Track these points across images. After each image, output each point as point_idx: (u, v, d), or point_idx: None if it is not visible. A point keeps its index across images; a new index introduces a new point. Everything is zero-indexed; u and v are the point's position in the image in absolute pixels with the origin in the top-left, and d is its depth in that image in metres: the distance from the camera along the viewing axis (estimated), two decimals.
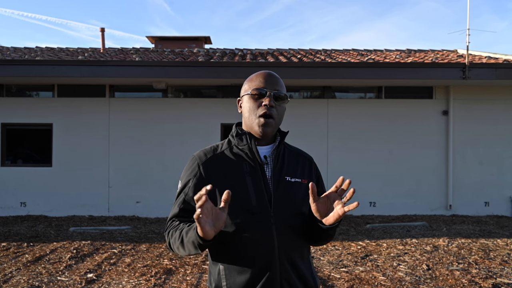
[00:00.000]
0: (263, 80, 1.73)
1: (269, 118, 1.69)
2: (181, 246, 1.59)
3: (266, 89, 1.71)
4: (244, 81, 1.83)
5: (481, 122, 10.07)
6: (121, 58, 10.71)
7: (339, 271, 5.61)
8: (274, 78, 1.75)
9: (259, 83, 1.72)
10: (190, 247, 1.53)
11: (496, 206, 10.00)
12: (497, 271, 5.57)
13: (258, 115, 1.70)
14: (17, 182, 9.84)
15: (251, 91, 1.72)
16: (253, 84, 1.74)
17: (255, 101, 1.71)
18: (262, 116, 1.69)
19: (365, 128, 10.01)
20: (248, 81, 1.78)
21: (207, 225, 1.42)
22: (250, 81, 1.77)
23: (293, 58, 10.88)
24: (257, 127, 1.70)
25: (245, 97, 1.76)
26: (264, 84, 1.72)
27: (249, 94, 1.73)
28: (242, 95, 1.79)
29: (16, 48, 12.71)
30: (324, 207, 1.59)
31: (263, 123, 1.69)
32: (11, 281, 5.15)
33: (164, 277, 5.36)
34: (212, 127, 9.88)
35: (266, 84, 1.72)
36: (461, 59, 10.26)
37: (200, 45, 14.46)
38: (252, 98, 1.72)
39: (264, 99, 1.70)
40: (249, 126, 1.75)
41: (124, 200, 9.83)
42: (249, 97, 1.73)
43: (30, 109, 9.98)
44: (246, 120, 1.76)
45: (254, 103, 1.71)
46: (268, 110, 1.69)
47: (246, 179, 1.68)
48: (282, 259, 1.65)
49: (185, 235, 1.55)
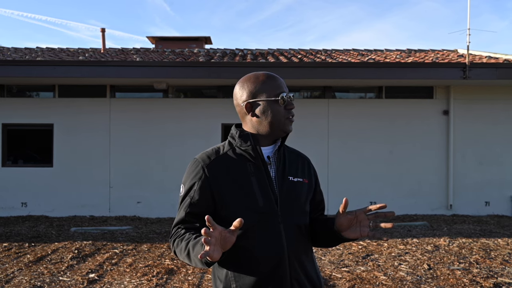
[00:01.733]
0: (281, 84, 1.77)
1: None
2: (187, 259, 1.59)
3: (287, 94, 1.75)
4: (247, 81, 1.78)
5: (481, 122, 10.08)
6: (122, 59, 10.71)
7: (340, 270, 5.62)
8: (283, 80, 1.80)
9: (278, 88, 1.75)
10: (197, 262, 1.54)
11: (496, 205, 10.01)
12: (498, 270, 5.58)
13: (286, 118, 1.75)
14: (18, 182, 9.85)
15: (281, 98, 1.73)
16: (273, 88, 1.74)
17: (281, 105, 1.74)
18: (291, 117, 1.76)
19: (365, 128, 10.02)
20: (260, 83, 1.74)
21: (215, 252, 1.44)
22: (265, 84, 1.74)
23: (293, 58, 10.89)
24: (287, 127, 1.76)
25: (265, 101, 1.73)
26: (283, 88, 1.76)
27: (273, 100, 1.73)
28: (259, 99, 1.74)
29: (17, 48, 12.72)
30: (347, 222, 1.66)
31: (291, 123, 1.77)
32: (13, 281, 5.16)
33: (165, 277, 5.37)
34: (212, 127, 9.89)
35: (285, 88, 1.77)
36: (462, 59, 10.27)
37: (200, 45, 14.47)
38: (278, 103, 1.73)
39: (289, 104, 1.75)
40: (270, 129, 1.74)
41: (125, 200, 9.84)
42: (273, 102, 1.73)
43: (31, 109, 9.99)
44: (267, 124, 1.74)
45: (280, 107, 1.74)
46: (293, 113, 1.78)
47: (252, 180, 1.68)
48: (291, 258, 1.66)
49: (192, 250, 1.55)
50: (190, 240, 1.58)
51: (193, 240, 1.57)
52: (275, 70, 9.04)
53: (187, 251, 1.57)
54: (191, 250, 1.56)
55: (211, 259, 1.43)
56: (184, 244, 1.60)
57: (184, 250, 1.59)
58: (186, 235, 1.63)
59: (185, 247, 1.59)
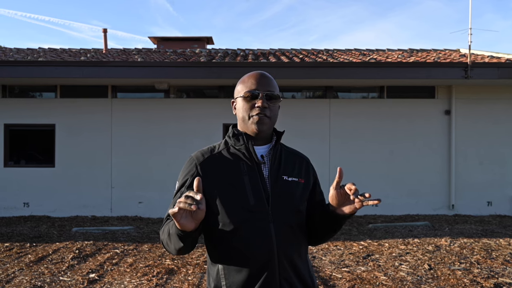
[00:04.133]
0: (255, 82, 1.75)
1: (263, 116, 1.72)
2: (169, 240, 1.64)
3: (259, 91, 1.73)
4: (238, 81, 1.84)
5: (483, 122, 10.05)
6: (123, 59, 10.73)
7: (340, 271, 5.62)
8: (266, 78, 1.77)
9: (251, 85, 1.75)
10: (175, 239, 1.58)
11: (498, 205, 9.98)
12: (499, 270, 5.56)
13: (251, 115, 1.73)
14: (20, 182, 9.88)
15: (244, 94, 1.74)
16: (246, 86, 1.76)
17: (248, 103, 1.74)
18: (256, 115, 1.72)
19: (367, 128, 10.01)
20: (240, 82, 1.80)
21: (183, 219, 1.47)
22: (242, 83, 1.79)
23: (295, 58, 10.89)
24: (253, 125, 1.72)
25: (238, 99, 1.79)
26: (256, 85, 1.74)
27: (242, 97, 1.75)
28: (235, 97, 1.81)
29: (19, 49, 12.76)
30: (341, 198, 1.63)
31: (257, 121, 1.71)
32: (14, 281, 5.18)
33: (166, 277, 5.37)
34: (214, 127, 9.89)
35: (258, 86, 1.74)
36: (463, 59, 10.24)
37: (202, 45, 14.48)
38: (245, 100, 1.74)
39: (257, 100, 1.72)
40: (244, 127, 1.77)
41: (126, 200, 9.86)
42: (242, 99, 1.75)
43: (33, 109, 10.01)
44: (240, 122, 1.79)
45: (247, 105, 1.74)
46: (261, 111, 1.72)
47: (244, 179, 1.69)
48: (281, 258, 1.66)
49: (171, 229, 1.60)
50: (171, 223, 1.63)
51: (173, 222, 1.61)
52: (276, 70, 9.05)
53: (168, 232, 1.63)
54: (170, 229, 1.61)
55: (180, 226, 1.48)
56: (167, 228, 1.66)
57: (166, 233, 1.65)
58: (171, 223, 1.67)
59: (168, 230, 1.64)
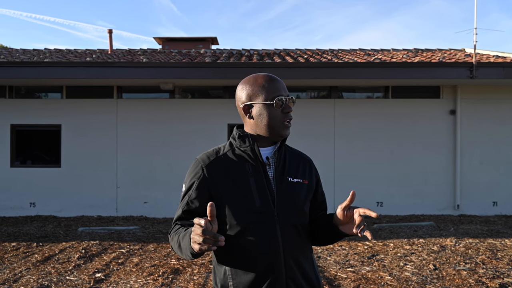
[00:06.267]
0: (278, 87, 1.75)
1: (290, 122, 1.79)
2: (179, 252, 1.67)
3: (285, 97, 1.74)
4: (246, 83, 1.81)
5: (488, 122, 10.02)
6: (129, 60, 10.77)
7: (345, 271, 5.63)
8: (282, 82, 1.80)
9: (276, 90, 1.74)
10: (187, 254, 1.61)
11: (504, 206, 9.94)
12: (505, 271, 5.55)
13: (283, 121, 1.75)
14: (26, 182, 9.95)
15: (276, 101, 1.72)
16: (269, 91, 1.74)
17: (278, 109, 1.74)
18: (288, 122, 1.76)
19: (372, 128, 10.00)
20: (259, 87, 1.76)
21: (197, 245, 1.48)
22: (262, 88, 1.74)
23: (299, 58, 10.89)
24: (284, 131, 1.76)
25: (259, 104, 1.75)
26: (281, 91, 1.75)
27: (269, 103, 1.73)
28: (252, 101, 1.76)
29: (25, 50, 12.84)
30: (345, 219, 1.67)
31: (288, 128, 1.77)
32: (21, 281, 5.22)
33: (171, 276, 5.40)
34: (219, 128, 9.92)
35: (283, 91, 1.75)
36: (469, 58, 10.21)
37: (207, 45, 14.52)
38: (276, 106, 1.73)
39: (287, 107, 1.75)
40: (266, 132, 1.76)
41: (132, 200, 9.90)
42: (269, 105, 1.73)
43: (39, 110, 10.08)
44: (264, 127, 1.76)
45: (278, 111, 1.74)
46: (291, 118, 1.77)
47: (249, 180, 1.71)
48: (287, 258, 1.68)
49: (182, 242, 1.63)
50: (181, 233, 1.66)
51: (183, 232, 1.65)
52: (281, 70, 9.06)
53: (178, 243, 1.66)
54: (181, 241, 1.64)
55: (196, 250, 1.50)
56: (177, 237, 1.68)
57: (176, 243, 1.68)
58: (180, 229, 1.71)
59: (177, 240, 1.67)
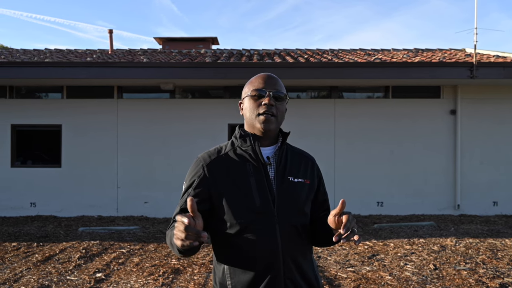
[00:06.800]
0: (262, 82, 1.79)
1: (270, 115, 1.74)
2: (171, 247, 1.64)
3: (266, 90, 1.76)
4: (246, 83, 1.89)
5: (489, 122, 10.02)
6: (129, 60, 10.77)
7: (345, 270, 5.63)
8: (273, 79, 1.81)
9: (259, 84, 1.78)
10: (176, 251, 1.59)
11: (504, 205, 9.95)
12: (505, 271, 5.55)
13: (258, 113, 1.75)
14: (26, 182, 9.95)
15: (251, 92, 1.78)
16: (253, 86, 1.80)
17: (255, 102, 1.77)
18: (262, 114, 1.74)
19: (372, 128, 10.00)
20: (248, 84, 1.84)
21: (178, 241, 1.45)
22: (250, 84, 1.83)
23: (300, 58, 10.89)
24: (259, 124, 1.74)
25: (245, 99, 1.82)
26: (263, 85, 1.78)
27: (249, 96, 1.79)
28: (243, 97, 1.85)
29: (26, 50, 12.85)
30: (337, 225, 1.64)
31: (264, 120, 1.74)
32: (22, 281, 5.23)
33: (172, 276, 5.41)
34: (219, 128, 9.92)
35: (265, 85, 1.78)
36: (469, 58, 10.21)
37: (207, 45, 14.52)
38: (252, 99, 1.77)
39: (264, 99, 1.75)
40: (251, 126, 1.80)
41: (132, 200, 9.91)
42: (249, 98, 1.79)
43: (40, 110, 10.09)
44: (248, 121, 1.81)
45: (254, 103, 1.77)
46: (268, 109, 1.74)
47: (250, 180, 1.71)
48: (286, 258, 1.68)
49: (172, 239, 1.58)
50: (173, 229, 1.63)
51: (172, 229, 1.64)
52: (281, 70, 9.07)
53: (170, 240, 1.64)
54: (172, 238, 1.60)
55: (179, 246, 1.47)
56: (169, 234, 1.67)
57: (169, 238, 1.67)
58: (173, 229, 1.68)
59: (170, 236, 1.65)
